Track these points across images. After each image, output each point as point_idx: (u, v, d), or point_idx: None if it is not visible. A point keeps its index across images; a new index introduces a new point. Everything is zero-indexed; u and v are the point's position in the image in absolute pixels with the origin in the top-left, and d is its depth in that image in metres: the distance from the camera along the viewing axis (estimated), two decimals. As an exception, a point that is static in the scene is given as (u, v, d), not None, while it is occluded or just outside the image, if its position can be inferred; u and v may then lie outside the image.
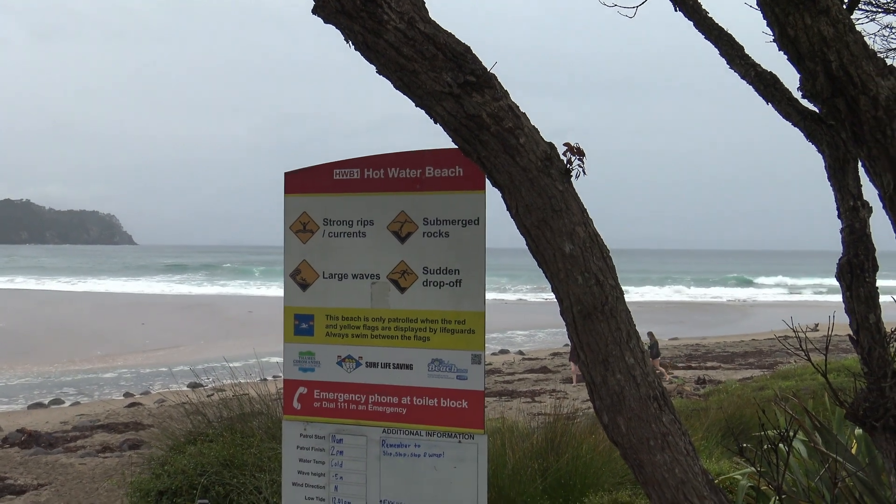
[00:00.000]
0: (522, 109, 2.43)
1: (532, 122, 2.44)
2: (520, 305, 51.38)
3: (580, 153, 2.44)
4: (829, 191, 2.75)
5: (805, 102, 2.45)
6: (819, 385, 9.92)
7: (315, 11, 2.40)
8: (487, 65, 2.39)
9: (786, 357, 22.35)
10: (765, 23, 2.02)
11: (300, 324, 3.53)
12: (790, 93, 2.88)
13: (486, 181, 2.73)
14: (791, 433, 3.31)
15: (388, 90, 2.47)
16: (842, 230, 2.61)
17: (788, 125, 2.91)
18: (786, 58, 2.10)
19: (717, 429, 7.73)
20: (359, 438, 3.41)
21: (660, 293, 65.12)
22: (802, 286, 72.04)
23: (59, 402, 19.25)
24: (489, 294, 3.34)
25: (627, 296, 2.53)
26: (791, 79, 2.42)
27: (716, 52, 3.13)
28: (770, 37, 2.12)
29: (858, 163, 2.53)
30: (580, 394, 17.18)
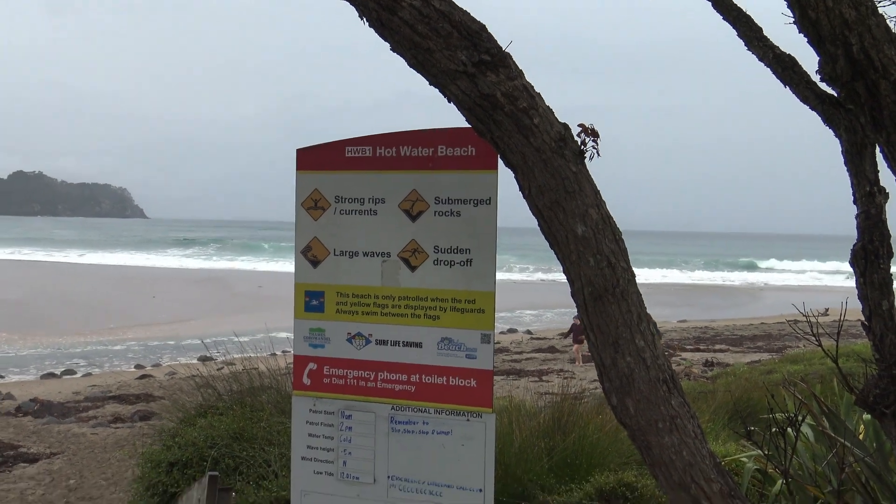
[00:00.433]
0: (537, 89, 2.42)
1: (546, 103, 2.43)
2: (529, 285, 51.39)
3: (594, 134, 2.42)
4: (846, 175, 2.72)
5: (824, 86, 2.42)
6: (828, 370, 9.90)
7: (329, -13, 2.38)
8: (502, 43, 2.37)
9: (795, 341, 22.30)
10: (785, 4, 1.99)
11: (311, 300, 3.55)
12: (808, 76, 2.84)
13: (499, 161, 2.72)
14: (799, 417, 3.32)
15: (402, 68, 2.46)
16: (857, 216, 2.58)
17: (806, 108, 2.87)
18: (806, 40, 2.07)
19: (725, 411, 7.73)
20: (367, 415, 3.44)
21: (669, 275, 64.95)
22: (814, 270, 71.69)
23: (72, 373, 19.49)
24: (498, 273, 3.34)
25: (636, 278, 2.52)
26: (810, 62, 2.39)
27: (734, 33, 3.09)
28: (790, 18, 2.09)
29: (876, 148, 2.50)
30: (588, 374, 17.24)
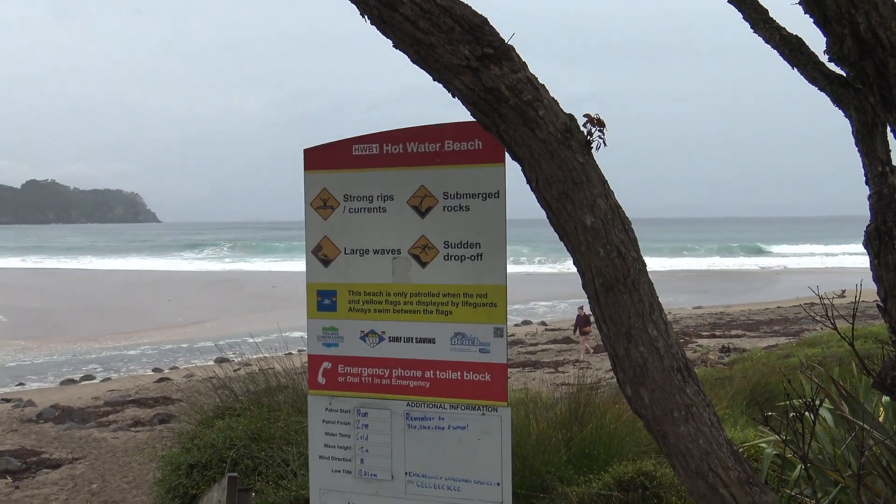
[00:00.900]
0: (546, 77, 2.40)
1: (551, 93, 2.41)
2: (542, 276, 51.31)
3: (600, 124, 2.41)
4: (857, 156, 2.69)
5: (832, 66, 2.39)
6: (846, 352, 9.83)
7: (329, -15, 2.38)
8: (504, 35, 2.36)
9: (812, 324, 22.15)
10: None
11: (323, 299, 3.55)
12: (816, 56, 2.81)
13: (506, 153, 2.71)
14: (817, 401, 3.29)
15: (407, 62, 2.45)
16: (869, 196, 2.56)
17: (814, 89, 2.84)
18: (812, 21, 2.05)
19: (742, 397, 7.70)
20: (383, 412, 3.45)
21: (681, 262, 64.64)
22: (829, 253, 71.11)
23: (90, 378, 19.67)
24: (511, 266, 3.33)
25: (648, 265, 2.51)
26: (817, 42, 2.36)
27: (739, 16, 3.06)
28: (795, -1, 2.07)
29: (887, 127, 2.47)
30: (603, 363, 17.20)
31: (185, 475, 6.01)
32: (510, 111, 2.32)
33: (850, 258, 59.88)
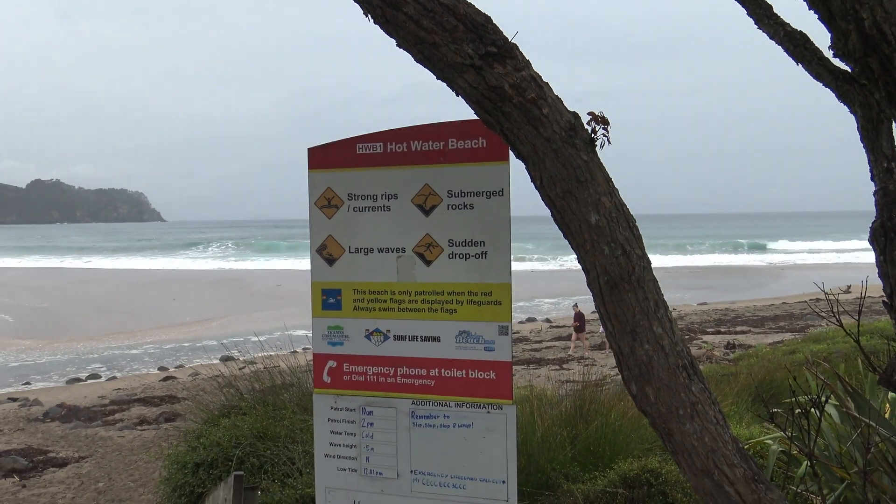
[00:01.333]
0: (550, 74, 2.40)
1: (554, 91, 2.41)
2: (546, 274, 51.27)
3: (605, 122, 2.40)
4: (862, 152, 2.69)
5: (837, 62, 2.39)
6: (851, 348, 9.80)
7: (333, -15, 2.38)
8: (507, 33, 2.36)
9: (817, 320, 22.09)
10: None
11: (328, 298, 3.56)
12: (821, 52, 2.80)
13: (510, 151, 2.71)
14: (823, 398, 3.29)
15: (411, 60, 2.45)
16: (875, 192, 2.55)
17: (819, 85, 2.83)
18: (816, 17, 2.04)
19: (748, 394, 7.69)
20: (388, 410, 3.45)
21: (685, 258, 64.53)
22: (835, 249, 70.90)
23: (96, 377, 19.74)
24: (515, 263, 3.33)
25: (652, 262, 2.50)
26: (822, 38, 2.36)
27: (743, 12, 3.05)
28: (800, -4, 2.06)
29: (892, 123, 2.46)
30: (608, 360, 17.19)
31: (192, 474, 6.03)
32: (514, 109, 2.31)
33: (856, 254, 59.70)
